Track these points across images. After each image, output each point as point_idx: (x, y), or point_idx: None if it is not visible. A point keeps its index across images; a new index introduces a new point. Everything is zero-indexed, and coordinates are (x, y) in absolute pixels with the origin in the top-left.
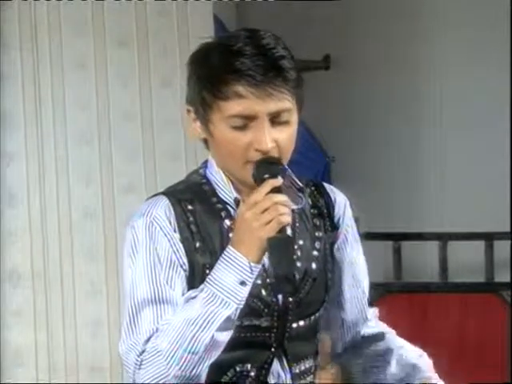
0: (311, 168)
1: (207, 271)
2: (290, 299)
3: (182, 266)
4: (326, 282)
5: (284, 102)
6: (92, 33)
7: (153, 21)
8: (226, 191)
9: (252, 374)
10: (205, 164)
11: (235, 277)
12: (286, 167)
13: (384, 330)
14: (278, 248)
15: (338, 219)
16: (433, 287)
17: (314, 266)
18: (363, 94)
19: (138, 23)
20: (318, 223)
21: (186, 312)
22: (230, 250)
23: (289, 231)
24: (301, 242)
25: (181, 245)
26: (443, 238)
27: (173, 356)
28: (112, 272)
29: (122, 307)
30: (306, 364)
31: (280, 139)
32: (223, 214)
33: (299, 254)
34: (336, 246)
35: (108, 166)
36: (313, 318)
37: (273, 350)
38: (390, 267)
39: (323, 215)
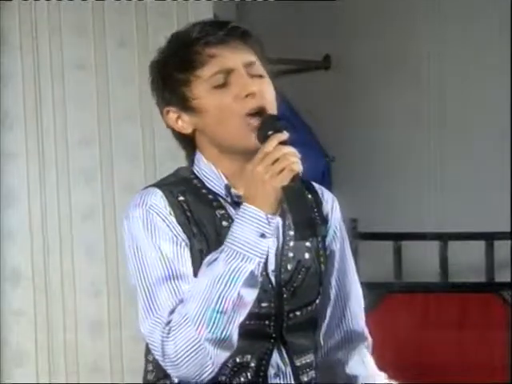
0: (311, 168)
1: (204, 257)
2: (284, 288)
3: (186, 245)
4: (319, 273)
5: (252, 56)
6: (92, 33)
7: (153, 21)
8: (216, 182)
9: (252, 364)
10: (191, 163)
11: (254, 231)
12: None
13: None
14: (294, 196)
15: (327, 214)
16: (433, 287)
17: (306, 255)
18: (363, 93)
19: (138, 23)
20: None
21: (209, 274)
22: (244, 206)
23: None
24: (291, 233)
25: (179, 227)
26: (443, 238)
27: (201, 319)
28: (112, 272)
29: (123, 307)
30: (307, 358)
31: (261, 90)
32: (215, 204)
33: (291, 244)
34: (327, 241)
35: (108, 166)
36: (309, 308)
37: (272, 340)
38: (390, 267)
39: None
